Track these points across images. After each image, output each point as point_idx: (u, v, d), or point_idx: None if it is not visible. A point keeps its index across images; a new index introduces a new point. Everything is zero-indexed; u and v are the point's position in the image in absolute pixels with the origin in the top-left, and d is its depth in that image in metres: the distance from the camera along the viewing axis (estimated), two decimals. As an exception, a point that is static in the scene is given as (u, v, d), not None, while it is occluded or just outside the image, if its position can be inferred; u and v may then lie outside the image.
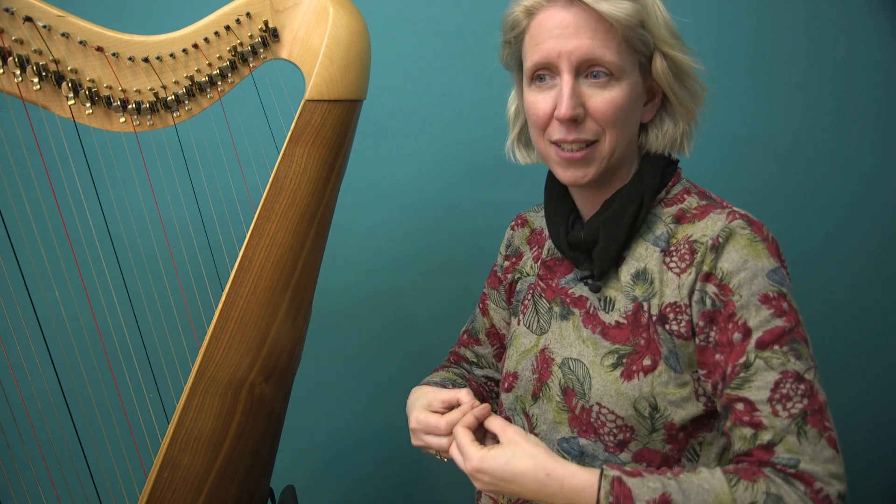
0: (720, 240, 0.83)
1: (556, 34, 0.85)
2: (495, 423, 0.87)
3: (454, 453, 0.87)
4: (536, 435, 0.96)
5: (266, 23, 1.00)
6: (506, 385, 1.02)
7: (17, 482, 1.35)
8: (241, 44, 1.01)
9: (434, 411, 0.92)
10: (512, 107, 1.03)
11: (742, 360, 0.80)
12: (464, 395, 0.91)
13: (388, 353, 1.61)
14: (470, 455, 0.82)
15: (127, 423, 1.12)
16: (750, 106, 1.53)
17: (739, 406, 0.79)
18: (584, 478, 0.77)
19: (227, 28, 0.99)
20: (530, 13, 0.89)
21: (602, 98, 0.86)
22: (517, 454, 0.80)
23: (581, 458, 0.91)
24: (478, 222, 1.54)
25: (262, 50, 1.01)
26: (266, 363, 1.01)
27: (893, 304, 1.59)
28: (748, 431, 0.79)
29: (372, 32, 1.03)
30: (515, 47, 0.93)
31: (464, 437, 0.85)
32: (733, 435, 0.80)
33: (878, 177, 1.55)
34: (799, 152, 1.54)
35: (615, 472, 0.76)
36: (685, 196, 0.93)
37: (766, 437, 0.77)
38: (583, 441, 0.90)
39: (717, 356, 0.83)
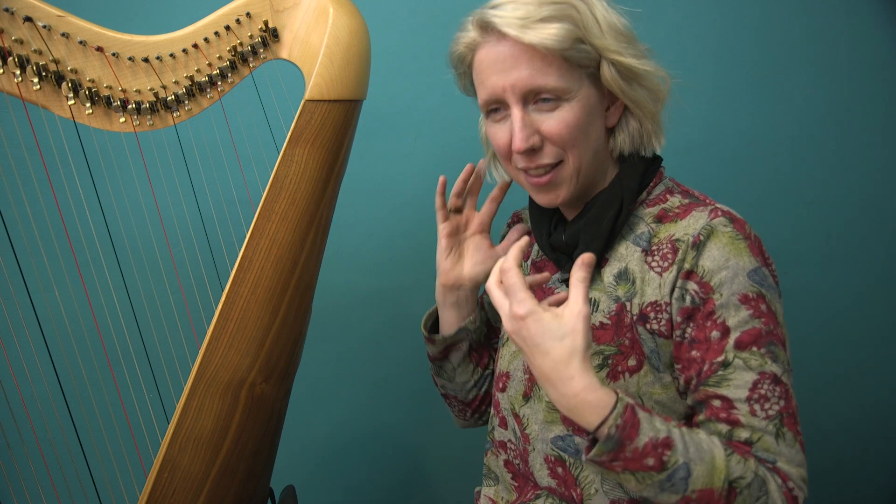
0: (701, 237, 0.83)
1: (497, 69, 0.86)
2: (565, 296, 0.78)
3: (495, 289, 0.79)
4: (527, 435, 0.96)
5: (266, 23, 1.00)
6: (500, 385, 1.03)
7: (17, 482, 1.35)
8: (241, 44, 1.01)
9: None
10: (483, 128, 1.03)
11: (720, 358, 0.80)
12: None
13: (388, 353, 1.60)
14: (523, 299, 0.75)
15: (127, 423, 1.12)
16: (750, 106, 1.53)
17: (716, 403, 0.80)
18: (601, 395, 0.73)
19: (227, 28, 0.99)
20: (471, 49, 0.90)
21: (554, 121, 0.86)
22: (564, 341, 0.73)
23: (578, 455, 0.91)
24: (478, 222, 1.54)
25: (262, 50, 1.01)
26: (266, 363, 1.01)
27: (894, 304, 1.59)
28: (724, 427, 0.80)
29: (372, 32, 1.03)
30: (469, 77, 0.94)
31: (516, 277, 0.76)
32: (706, 429, 0.81)
33: (879, 177, 1.55)
34: (799, 152, 1.54)
35: (630, 401, 0.74)
36: (668, 196, 0.92)
37: (742, 434, 0.78)
38: (578, 440, 0.91)
39: (693, 353, 0.83)
